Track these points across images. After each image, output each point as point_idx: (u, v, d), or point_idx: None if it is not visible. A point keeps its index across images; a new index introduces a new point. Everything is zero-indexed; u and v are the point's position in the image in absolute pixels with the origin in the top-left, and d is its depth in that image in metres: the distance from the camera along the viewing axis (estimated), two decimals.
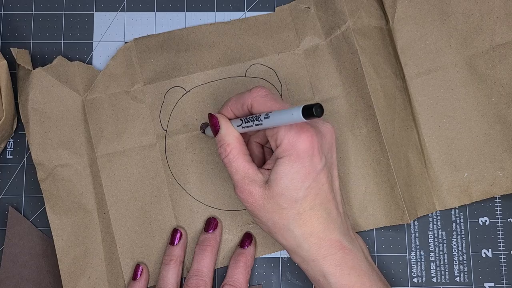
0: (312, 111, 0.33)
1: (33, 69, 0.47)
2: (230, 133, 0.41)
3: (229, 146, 0.40)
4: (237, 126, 0.40)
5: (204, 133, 0.48)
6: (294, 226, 0.39)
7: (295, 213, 0.38)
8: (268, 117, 0.37)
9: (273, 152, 0.44)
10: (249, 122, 0.39)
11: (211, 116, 0.41)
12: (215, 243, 0.46)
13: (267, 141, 0.44)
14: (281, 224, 0.39)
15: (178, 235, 0.47)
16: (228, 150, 0.40)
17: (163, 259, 0.46)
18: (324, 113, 0.49)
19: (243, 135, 0.42)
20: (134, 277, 0.46)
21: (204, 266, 0.45)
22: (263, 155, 0.45)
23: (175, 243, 0.46)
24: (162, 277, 0.45)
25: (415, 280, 0.48)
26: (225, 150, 0.40)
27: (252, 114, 0.40)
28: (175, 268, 0.46)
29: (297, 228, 0.39)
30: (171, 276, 0.45)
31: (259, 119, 0.38)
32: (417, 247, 0.49)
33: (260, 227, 0.42)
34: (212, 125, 0.41)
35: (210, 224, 0.47)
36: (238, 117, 0.41)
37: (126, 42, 0.49)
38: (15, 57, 0.46)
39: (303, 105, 0.34)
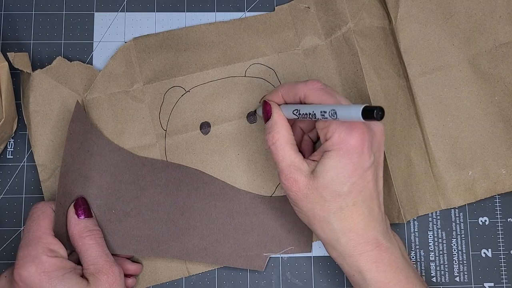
0: (372, 114, 0.33)
1: (33, 71, 0.47)
2: (280, 121, 0.41)
3: (277, 133, 0.41)
4: (293, 113, 0.41)
5: (255, 114, 0.48)
6: (334, 220, 0.39)
7: (337, 207, 0.39)
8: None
9: (312, 141, 0.46)
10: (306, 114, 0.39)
11: (265, 103, 0.43)
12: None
13: (311, 130, 0.45)
14: (322, 216, 0.39)
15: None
16: (276, 137, 0.41)
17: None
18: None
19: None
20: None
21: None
22: (300, 142, 0.46)
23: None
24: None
25: None
26: (273, 137, 0.41)
27: (303, 104, 0.41)
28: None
29: (337, 222, 0.39)
30: None
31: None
32: (417, 247, 0.49)
33: (299, 217, 0.42)
34: (264, 111, 0.42)
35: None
36: (287, 103, 0.42)
37: (126, 42, 0.49)
38: (12, 62, 0.45)
39: (364, 106, 0.33)
